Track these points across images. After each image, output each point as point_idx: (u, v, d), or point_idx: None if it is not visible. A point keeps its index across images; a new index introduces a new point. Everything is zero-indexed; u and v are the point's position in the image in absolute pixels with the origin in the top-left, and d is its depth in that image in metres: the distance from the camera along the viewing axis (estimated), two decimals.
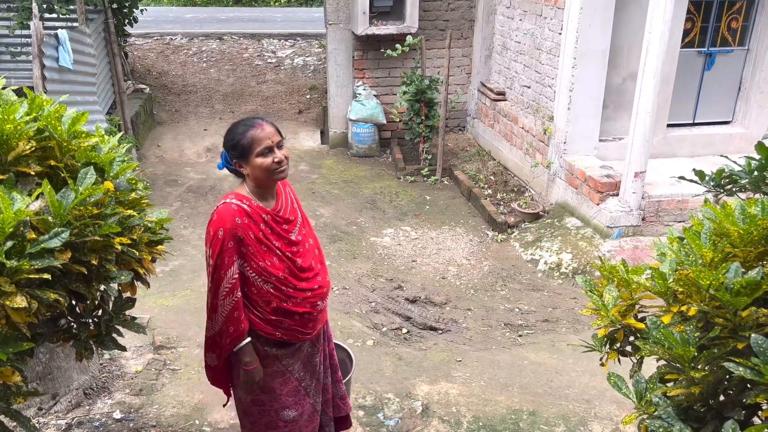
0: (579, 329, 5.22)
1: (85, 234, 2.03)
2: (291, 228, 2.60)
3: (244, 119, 2.54)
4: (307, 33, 13.73)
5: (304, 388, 2.76)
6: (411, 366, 4.48)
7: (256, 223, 2.47)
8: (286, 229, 2.57)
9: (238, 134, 2.46)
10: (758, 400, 1.74)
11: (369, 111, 8.86)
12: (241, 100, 11.05)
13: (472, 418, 3.83)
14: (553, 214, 7.00)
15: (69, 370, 3.78)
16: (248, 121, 2.50)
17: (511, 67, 8.25)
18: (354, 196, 7.90)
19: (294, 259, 2.57)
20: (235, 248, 2.43)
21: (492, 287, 6.05)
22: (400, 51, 8.17)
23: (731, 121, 7.44)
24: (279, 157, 2.47)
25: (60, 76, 6.33)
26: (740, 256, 2.02)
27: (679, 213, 6.24)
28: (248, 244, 2.45)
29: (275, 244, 2.52)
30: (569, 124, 6.82)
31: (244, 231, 2.43)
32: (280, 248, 2.53)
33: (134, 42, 12.84)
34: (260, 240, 2.48)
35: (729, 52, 7.11)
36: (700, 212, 2.25)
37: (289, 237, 2.57)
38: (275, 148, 2.47)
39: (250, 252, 2.45)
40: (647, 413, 2.03)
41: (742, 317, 1.85)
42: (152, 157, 8.83)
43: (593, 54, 6.57)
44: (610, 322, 2.19)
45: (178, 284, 5.57)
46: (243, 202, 2.47)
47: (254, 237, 2.46)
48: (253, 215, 2.47)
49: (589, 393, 4.16)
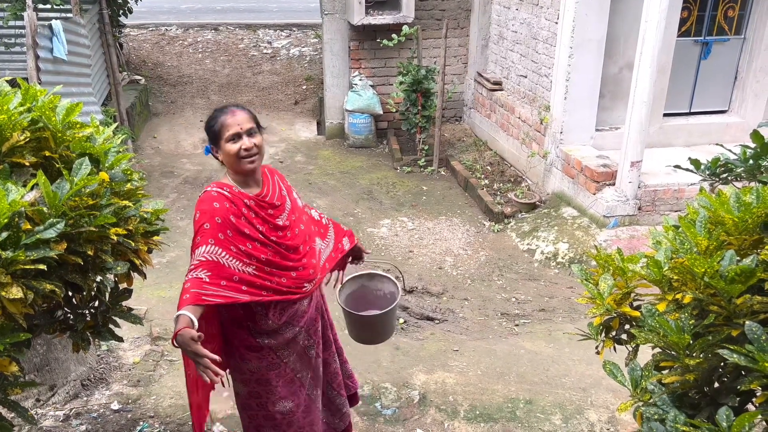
0: (575, 318, 5.24)
1: (81, 225, 2.02)
2: (278, 213, 2.59)
3: (221, 106, 2.55)
4: (303, 23, 13.66)
5: (300, 379, 2.77)
6: (408, 356, 4.49)
7: (237, 207, 2.46)
8: (271, 213, 2.56)
9: (212, 120, 2.49)
10: (752, 387, 1.75)
11: (365, 101, 8.84)
12: (236, 91, 11.01)
13: (469, 407, 3.85)
14: (550, 204, 7.00)
15: (66, 362, 3.78)
16: (224, 108, 2.51)
17: (508, 57, 8.24)
18: (351, 186, 7.90)
19: (280, 242, 2.56)
20: (211, 231, 2.40)
21: (489, 277, 6.07)
22: (396, 41, 8.14)
23: (727, 110, 7.43)
24: (247, 144, 2.44)
25: (55, 67, 6.30)
26: (735, 244, 2.02)
27: (675, 202, 6.25)
28: (227, 227, 2.42)
29: (259, 228, 2.50)
30: (566, 114, 6.82)
31: (224, 214, 2.42)
32: (264, 232, 2.52)
33: (129, 33, 12.76)
34: (241, 224, 2.46)
35: (725, 41, 7.10)
36: (696, 201, 2.26)
37: (274, 222, 2.56)
38: (244, 135, 2.44)
39: (228, 236, 2.42)
40: (643, 401, 2.04)
41: (737, 305, 1.85)
42: (148, 149, 8.80)
43: (590, 43, 6.56)
44: (606, 310, 2.19)
45: (175, 275, 5.57)
46: (223, 189, 2.47)
47: (234, 221, 2.44)
48: (235, 201, 2.46)
49: (586, 381, 4.18)
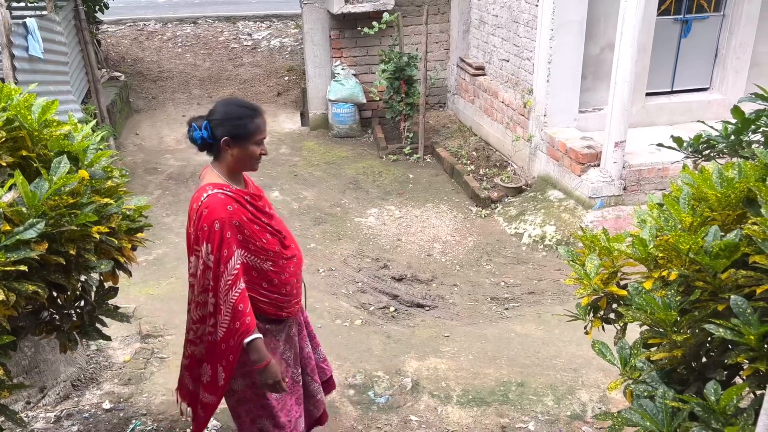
0: (564, 300, 5.27)
1: (62, 224, 2.00)
2: (264, 203, 2.63)
3: (244, 101, 2.53)
4: (283, 14, 13.56)
5: (285, 360, 2.77)
6: (399, 343, 4.50)
7: (242, 206, 2.46)
8: (262, 205, 2.60)
9: (246, 116, 2.43)
10: (739, 360, 1.77)
11: (348, 91, 8.79)
12: (218, 85, 10.92)
13: (462, 392, 3.86)
14: (536, 188, 7.02)
15: (56, 363, 3.75)
16: (252, 105, 2.50)
17: (490, 41, 8.22)
18: (337, 177, 7.87)
19: (278, 230, 2.60)
20: (234, 238, 2.38)
21: (477, 262, 6.08)
22: (377, 29, 8.10)
23: (709, 87, 7.47)
24: (265, 149, 2.53)
25: (31, 65, 6.20)
26: (719, 219, 2.03)
27: (660, 181, 6.29)
28: (244, 227, 2.42)
29: (263, 221, 2.54)
30: (549, 97, 6.82)
31: (238, 216, 2.41)
32: (268, 224, 2.56)
33: (107, 29, 12.60)
34: (252, 221, 2.47)
35: (705, 19, 7.12)
36: (679, 178, 2.27)
37: (267, 212, 2.60)
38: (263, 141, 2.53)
39: (246, 235, 2.43)
40: (632, 378, 2.06)
41: (722, 279, 1.87)
42: (131, 146, 8.72)
43: (570, 25, 6.55)
44: (593, 290, 2.20)
45: (163, 272, 5.54)
46: (224, 190, 2.43)
47: (247, 219, 2.45)
48: (238, 199, 2.45)
49: (576, 362, 4.21)
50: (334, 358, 4.17)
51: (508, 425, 3.58)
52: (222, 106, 2.47)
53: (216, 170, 2.48)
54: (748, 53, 7.11)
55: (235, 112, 2.44)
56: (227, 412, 3.60)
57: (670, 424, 1.76)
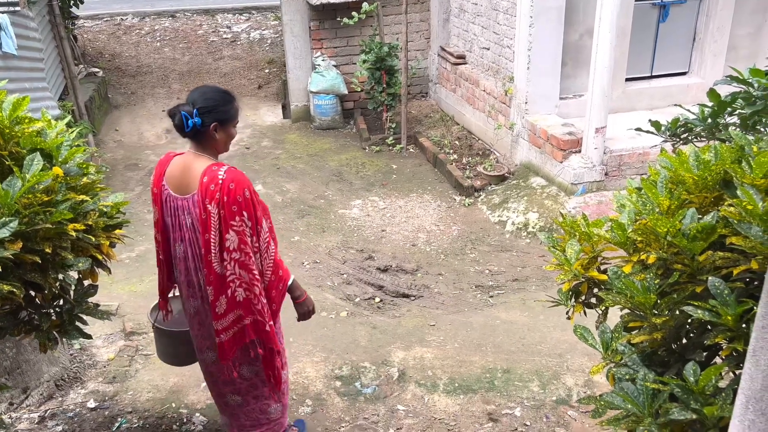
0: (548, 286, 5.30)
1: (36, 222, 1.97)
2: None
3: (218, 87, 2.62)
4: (262, 5, 13.43)
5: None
6: (385, 334, 4.51)
7: None
8: None
9: (228, 102, 2.57)
10: (717, 341, 1.79)
11: (329, 82, 8.75)
12: (198, 78, 10.81)
13: (448, 380, 3.88)
14: (519, 175, 7.04)
15: (38, 363, 3.71)
16: (227, 90, 2.62)
17: (470, 30, 8.20)
18: (320, 169, 7.84)
19: None
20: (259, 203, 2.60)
21: (462, 251, 6.10)
22: (356, 19, 8.05)
23: (688, 71, 7.52)
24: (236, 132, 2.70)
25: (4, 62, 6.10)
26: (696, 202, 2.05)
27: (641, 166, 6.33)
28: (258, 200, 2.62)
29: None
30: (529, 84, 6.83)
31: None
32: None
33: (83, 24, 12.42)
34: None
35: (682, 3, 7.15)
36: (657, 162, 2.28)
37: None
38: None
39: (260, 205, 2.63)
40: (614, 362, 2.08)
41: (700, 261, 1.88)
42: (110, 142, 8.62)
43: (549, 12, 6.56)
44: (574, 275, 2.22)
45: (146, 269, 5.49)
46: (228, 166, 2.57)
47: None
48: None
49: (561, 347, 4.24)
50: (320, 350, 4.17)
51: (495, 412, 3.60)
52: (203, 94, 2.53)
53: (204, 153, 2.57)
54: (725, 37, 7.16)
55: (219, 98, 2.55)
56: (213, 408, 3.60)
57: (650, 406, 1.78)
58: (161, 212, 2.62)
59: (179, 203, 2.54)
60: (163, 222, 2.63)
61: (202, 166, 2.49)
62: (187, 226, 2.55)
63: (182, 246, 2.60)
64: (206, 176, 2.45)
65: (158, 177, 2.61)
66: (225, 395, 2.89)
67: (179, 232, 2.59)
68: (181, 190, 2.54)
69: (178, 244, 2.62)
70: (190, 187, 2.51)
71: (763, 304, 1.30)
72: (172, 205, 2.57)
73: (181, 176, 2.54)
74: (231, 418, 2.95)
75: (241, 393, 2.85)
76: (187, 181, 2.52)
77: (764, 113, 2.47)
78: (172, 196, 2.56)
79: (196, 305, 2.71)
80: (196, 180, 2.48)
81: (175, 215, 2.57)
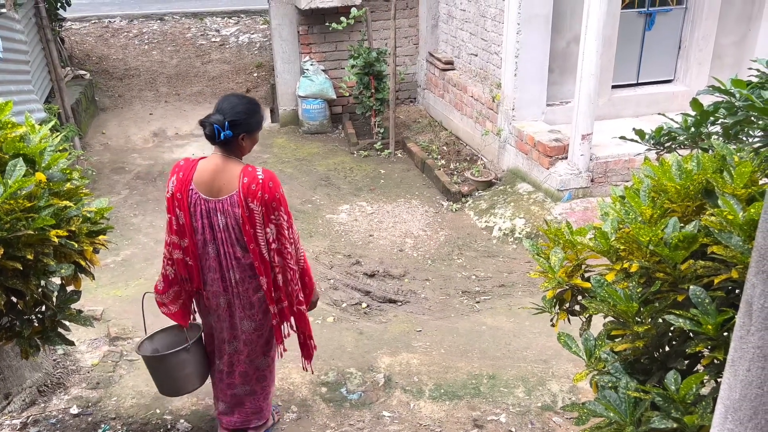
0: (534, 292, 5.32)
1: (18, 228, 1.95)
2: None
3: (245, 97, 2.81)
4: (251, 9, 13.40)
5: None
6: (372, 339, 4.50)
7: None
8: None
9: (256, 112, 2.78)
10: (699, 349, 1.80)
11: (318, 86, 8.74)
12: (186, 82, 10.77)
13: (434, 386, 3.88)
14: (506, 181, 7.07)
15: (20, 369, 3.67)
16: (254, 100, 2.82)
17: (458, 36, 8.24)
18: (308, 174, 7.83)
19: None
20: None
21: (449, 256, 6.11)
22: (345, 24, 8.05)
23: (673, 79, 7.59)
24: None
25: None
26: (678, 210, 2.07)
27: (626, 172, 6.38)
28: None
29: None
30: (517, 91, 6.86)
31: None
32: None
33: (70, 27, 12.34)
34: None
35: (668, 11, 7.23)
36: (641, 170, 2.30)
37: None
38: None
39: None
40: (597, 369, 2.09)
41: (682, 270, 1.90)
42: (97, 145, 8.56)
43: (537, 19, 6.60)
44: (558, 283, 2.23)
45: (131, 274, 5.46)
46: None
47: None
48: None
49: (547, 353, 4.25)
50: None
51: (480, 418, 3.61)
52: (233, 108, 2.70)
53: (233, 156, 2.76)
54: (710, 45, 7.24)
55: (247, 110, 2.73)
56: (197, 414, 3.58)
57: (632, 414, 1.79)
58: (189, 216, 2.73)
59: (211, 205, 2.71)
60: (191, 226, 2.75)
61: (237, 169, 2.71)
62: (219, 227, 2.73)
63: (214, 245, 2.78)
64: (246, 177, 2.68)
65: (184, 182, 2.72)
66: (236, 386, 3.14)
67: (210, 233, 2.76)
68: (213, 193, 2.71)
69: (210, 245, 2.78)
70: (224, 189, 2.70)
71: (742, 313, 1.32)
72: (203, 208, 2.72)
73: (212, 180, 2.71)
74: (235, 407, 3.20)
75: (251, 383, 3.15)
76: (220, 184, 2.70)
77: (746, 123, 2.50)
78: (203, 199, 2.71)
79: (228, 299, 2.91)
80: (233, 182, 2.68)
81: (207, 217, 2.73)
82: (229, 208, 2.70)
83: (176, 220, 2.76)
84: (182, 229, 2.77)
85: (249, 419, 3.24)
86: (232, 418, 3.23)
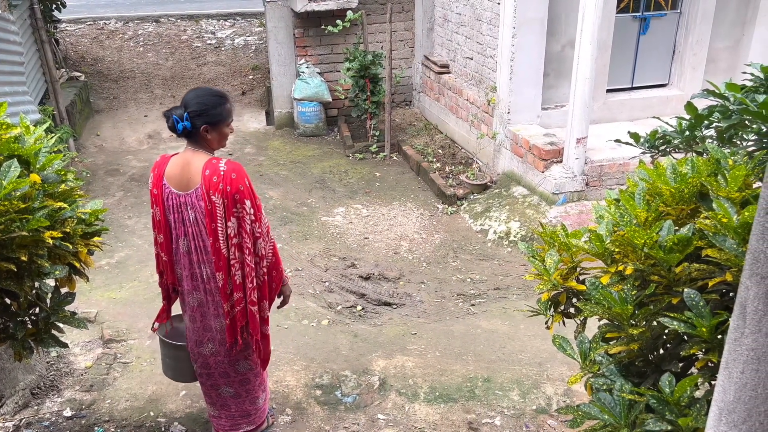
0: (529, 295, 5.33)
1: (12, 230, 1.94)
2: None
3: (213, 89, 2.78)
4: (247, 12, 13.40)
5: None
6: (367, 342, 4.50)
7: None
8: None
9: (219, 104, 2.72)
10: (693, 352, 1.81)
11: (313, 89, 8.74)
12: (181, 84, 10.75)
13: (429, 389, 3.88)
14: (501, 184, 7.08)
15: (13, 371, 3.65)
16: (221, 92, 2.77)
17: (454, 39, 8.25)
18: (303, 176, 7.82)
19: None
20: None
21: (444, 259, 6.11)
22: (341, 27, 8.06)
23: (668, 83, 7.62)
24: (233, 128, 2.87)
25: None
26: (673, 214, 2.07)
27: (621, 176, 6.39)
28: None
29: None
30: (512, 94, 6.88)
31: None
32: None
33: (66, 28, 12.31)
34: None
35: (663, 16, 7.26)
36: (635, 174, 2.31)
37: None
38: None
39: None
40: (592, 372, 2.09)
41: (676, 273, 1.90)
42: (91, 147, 8.54)
43: (532, 23, 6.62)
44: (553, 285, 2.23)
45: (126, 276, 5.44)
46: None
47: None
48: None
49: (541, 356, 4.26)
50: (301, 359, 4.15)
51: (475, 421, 3.61)
52: (196, 97, 2.70)
53: (201, 150, 2.74)
54: (704, 50, 7.28)
55: (209, 101, 2.70)
56: (191, 416, 3.57)
57: (627, 417, 1.79)
58: (163, 211, 2.75)
59: (182, 199, 2.70)
60: (165, 220, 2.76)
61: (202, 161, 2.68)
62: (190, 221, 2.72)
63: (185, 241, 2.76)
64: (208, 169, 2.64)
65: (158, 178, 2.75)
66: (219, 387, 3.10)
67: (182, 228, 2.75)
68: (182, 187, 2.70)
69: (181, 240, 2.77)
70: (191, 183, 2.68)
71: (736, 316, 1.32)
72: (174, 203, 2.72)
73: (181, 173, 2.70)
74: (222, 410, 3.17)
75: (234, 386, 3.10)
76: (188, 177, 2.69)
77: (740, 127, 2.51)
78: (174, 194, 2.71)
79: (198, 297, 2.89)
80: (197, 175, 2.66)
81: (178, 212, 2.72)
82: (196, 201, 2.69)
83: (155, 215, 2.81)
84: (158, 225, 2.81)
85: (237, 423, 3.20)
86: (220, 421, 3.22)
